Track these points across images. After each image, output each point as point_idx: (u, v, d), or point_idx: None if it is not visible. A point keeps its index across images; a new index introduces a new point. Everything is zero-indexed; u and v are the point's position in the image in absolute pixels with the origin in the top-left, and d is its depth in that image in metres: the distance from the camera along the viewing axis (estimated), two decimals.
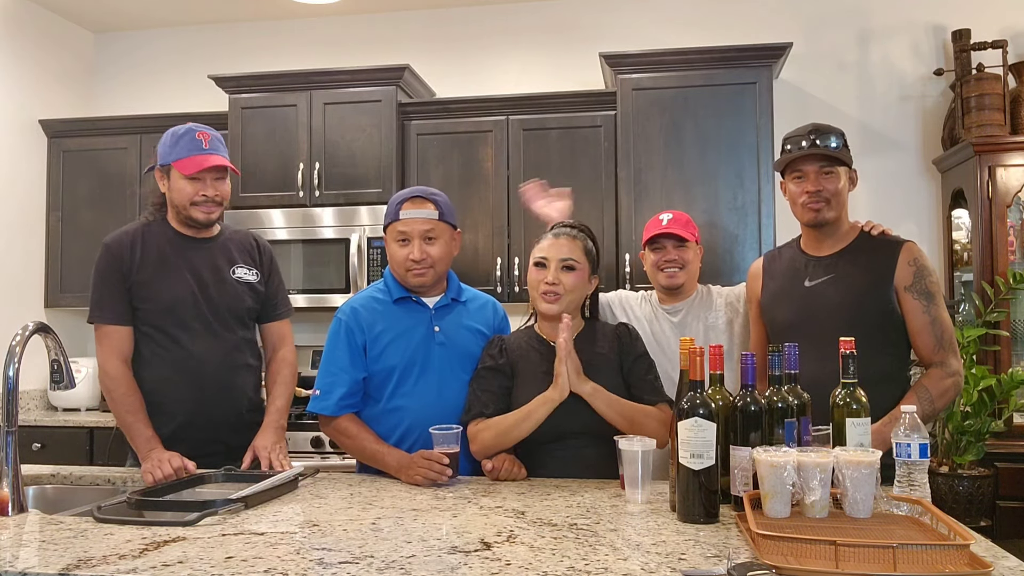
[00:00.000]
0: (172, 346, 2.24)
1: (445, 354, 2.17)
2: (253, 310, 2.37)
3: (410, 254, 2.14)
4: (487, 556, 1.35)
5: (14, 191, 4.14)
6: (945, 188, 3.82)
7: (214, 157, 2.23)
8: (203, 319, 2.26)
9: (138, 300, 2.23)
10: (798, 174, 2.20)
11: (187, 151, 2.22)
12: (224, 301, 2.29)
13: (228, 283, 2.31)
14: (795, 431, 1.67)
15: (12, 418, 1.78)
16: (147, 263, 2.23)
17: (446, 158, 3.90)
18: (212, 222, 2.30)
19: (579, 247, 2.12)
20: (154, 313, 2.23)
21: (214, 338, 2.27)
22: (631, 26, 4.17)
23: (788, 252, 2.35)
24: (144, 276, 2.22)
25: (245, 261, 2.37)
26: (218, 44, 4.57)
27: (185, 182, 2.22)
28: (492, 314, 2.30)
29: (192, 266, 2.27)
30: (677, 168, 3.66)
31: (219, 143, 2.28)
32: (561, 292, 2.07)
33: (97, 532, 1.51)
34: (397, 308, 2.20)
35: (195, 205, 2.24)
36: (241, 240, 2.41)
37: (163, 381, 2.23)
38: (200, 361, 2.24)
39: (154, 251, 2.25)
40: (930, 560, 1.23)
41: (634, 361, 2.12)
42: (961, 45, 3.72)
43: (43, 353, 1.94)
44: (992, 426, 3.13)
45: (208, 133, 2.26)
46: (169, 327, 2.24)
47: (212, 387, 2.25)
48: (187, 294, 2.24)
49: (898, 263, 2.13)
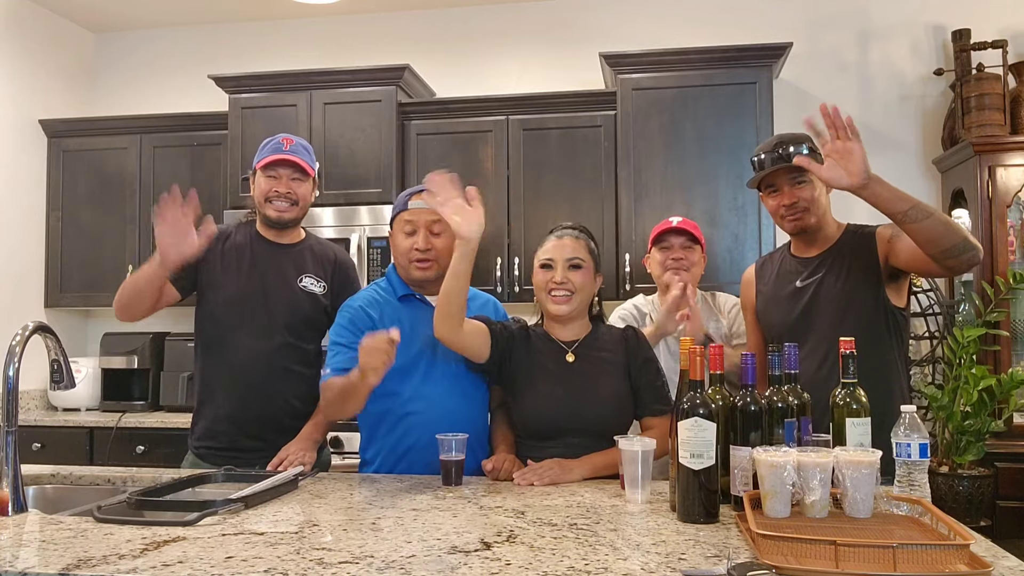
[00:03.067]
0: (225, 340, 2.34)
1: (449, 353, 2.15)
2: (312, 319, 2.40)
3: (415, 244, 2.13)
4: (487, 556, 1.35)
5: (14, 191, 4.14)
6: (945, 188, 3.82)
7: (289, 155, 2.33)
8: (258, 319, 2.33)
9: (205, 288, 2.36)
10: (772, 188, 2.23)
11: (269, 152, 2.35)
12: (281, 306, 2.35)
13: (291, 290, 2.37)
14: (795, 431, 1.67)
15: (12, 418, 1.78)
16: (225, 255, 2.37)
17: (446, 158, 3.90)
18: (285, 222, 2.38)
19: (583, 246, 2.12)
20: (215, 304, 2.35)
21: (264, 339, 2.33)
22: (631, 26, 4.17)
23: (778, 257, 2.38)
24: (216, 266, 2.35)
25: (316, 272, 2.42)
26: (218, 44, 4.57)
27: (263, 179, 2.35)
28: (493, 313, 2.30)
29: (261, 267, 2.37)
30: (677, 168, 3.66)
31: (302, 148, 2.39)
32: (572, 290, 2.08)
33: (97, 532, 1.51)
34: (401, 306, 2.19)
35: (268, 202, 2.35)
36: (320, 251, 2.48)
37: (213, 375, 2.36)
38: (245, 358, 2.32)
39: (234, 246, 2.38)
40: (930, 560, 1.23)
41: (642, 365, 2.11)
42: (961, 45, 3.72)
43: (43, 353, 1.94)
44: (992, 426, 3.12)
45: (293, 139, 2.39)
46: (225, 321, 2.34)
47: (252, 386, 2.32)
48: (247, 292, 2.34)
49: (877, 242, 2.16)
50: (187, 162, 4.17)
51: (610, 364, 2.10)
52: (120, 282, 2.35)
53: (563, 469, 1.98)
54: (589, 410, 2.04)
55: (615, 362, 2.11)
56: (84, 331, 4.55)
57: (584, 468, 2.00)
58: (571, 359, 2.10)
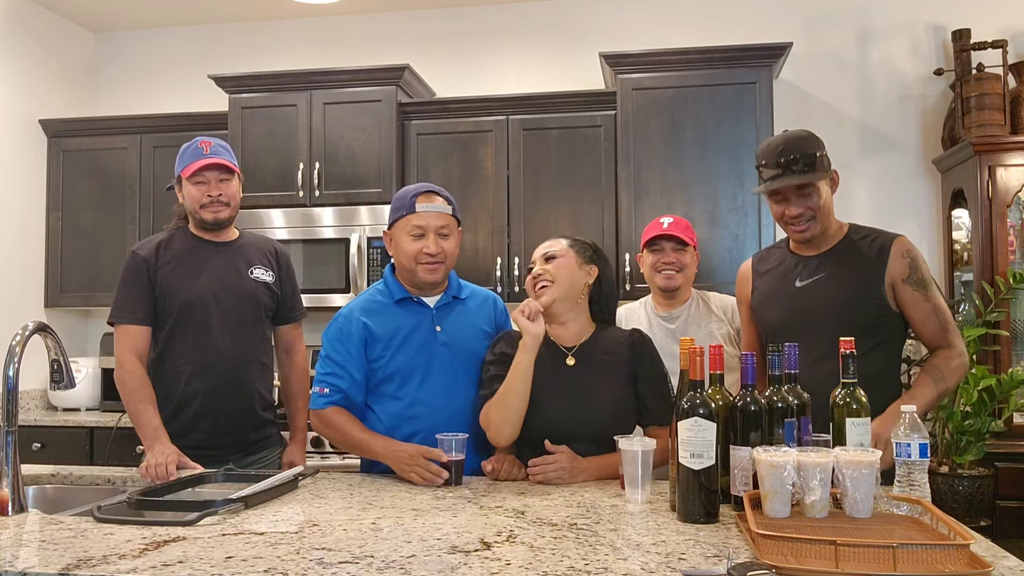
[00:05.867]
0: (191, 341, 2.37)
1: (449, 355, 2.15)
2: (269, 308, 2.49)
3: (425, 247, 2.12)
4: (487, 556, 1.35)
5: (14, 191, 4.14)
6: (945, 188, 3.82)
7: (212, 158, 2.36)
8: (222, 315, 2.38)
9: (161, 299, 2.37)
10: (778, 196, 2.18)
11: (191, 159, 2.39)
12: (242, 299, 2.42)
13: (246, 282, 2.44)
14: (795, 431, 1.67)
15: (12, 418, 1.78)
16: (170, 265, 2.38)
17: (446, 158, 3.90)
18: (221, 222, 2.43)
19: (562, 242, 2.15)
20: (176, 310, 2.36)
21: (230, 334, 2.39)
22: (631, 26, 4.17)
23: (777, 253, 2.34)
24: (166, 277, 2.37)
25: (262, 263, 2.50)
26: (218, 44, 4.57)
27: (192, 187, 2.39)
28: (493, 309, 2.29)
29: (211, 267, 2.41)
30: (677, 168, 3.66)
31: (222, 148, 2.42)
32: (549, 280, 2.07)
33: (97, 532, 1.51)
34: (398, 309, 2.19)
35: (203, 207, 2.39)
36: (259, 244, 2.55)
37: (180, 374, 2.36)
38: (216, 355, 2.37)
39: (176, 255, 2.41)
40: (930, 560, 1.23)
41: (649, 372, 2.09)
42: (961, 45, 3.71)
43: (43, 353, 1.94)
44: (992, 426, 3.13)
45: (210, 141, 2.42)
46: (189, 324, 2.37)
47: (226, 380, 2.37)
48: (206, 292, 2.38)
49: (891, 257, 2.13)
50: None
51: (612, 368, 2.08)
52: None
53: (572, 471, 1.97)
54: (587, 419, 2.02)
55: (618, 366, 2.08)
56: (84, 331, 4.55)
57: (592, 469, 2.00)
58: (571, 363, 2.08)
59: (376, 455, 2.08)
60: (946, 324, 2.11)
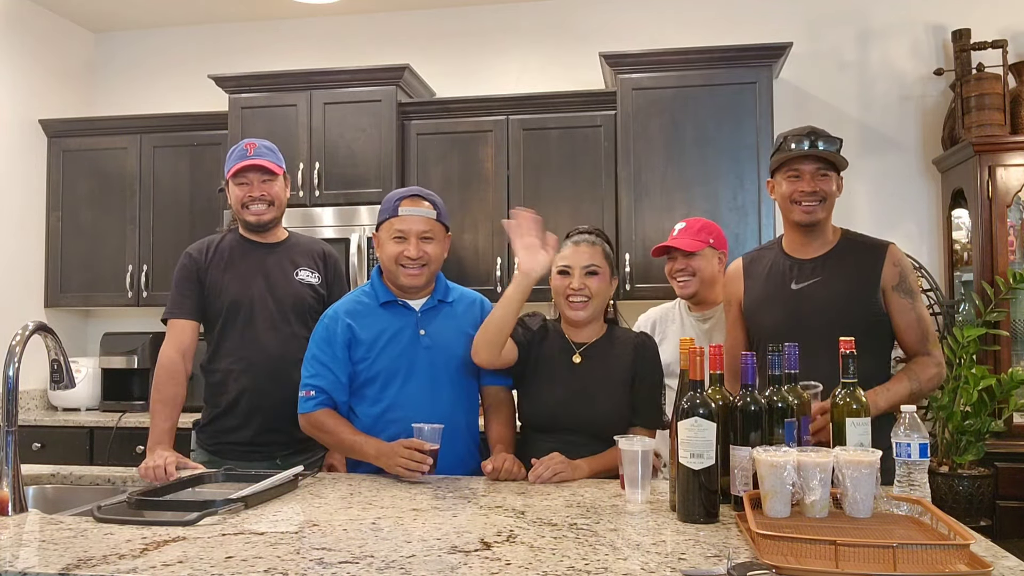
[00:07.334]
0: (238, 340, 2.42)
1: (431, 358, 2.16)
2: (314, 309, 2.48)
3: (405, 251, 2.13)
4: (487, 556, 1.35)
5: (14, 191, 4.14)
6: (945, 188, 3.82)
7: (255, 159, 2.40)
8: (267, 315, 2.43)
9: (210, 299, 2.44)
10: (794, 173, 2.18)
11: (236, 160, 2.43)
12: (286, 300, 2.45)
13: (291, 283, 2.48)
14: (795, 431, 1.67)
15: (12, 418, 1.78)
16: (218, 266, 2.45)
17: (446, 158, 3.90)
18: (264, 223, 2.47)
19: (599, 252, 2.16)
20: (224, 310, 2.42)
21: (275, 332, 2.42)
22: (631, 26, 4.17)
23: (770, 254, 2.32)
24: (215, 277, 2.44)
25: (308, 264, 2.53)
26: (218, 44, 4.57)
27: (235, 188, 2.44)
28: (480, 312, 2.28)
29: (258, 268, 2.46)
30: (677, 168, 3.66)
31: (266, 150, 2.46)
32: (588, 295, 2.12)
33: (97, 532, 1.51)
34: (383, 311, 2.19)
35: (245, 207, 2.44)
36: (307, 245, 2.59)
37: (230, 373, 2.42)
38: (261, 354, 2.41)
39: (225, 255, 2.47)
40: (930, 560, 1.23)
41: (646, 376, 2.15)
42: (961, 45, 3.71)
43: (43, 353, 1.94)
44: (992, 426, 3.12)
45: (255, 143, 2.46)
46: (236, 323, 2.42)
47: (272, 379, 2.39)
48: (252, 292, 2.43)
49: (884, 264, 2.17)
50: (187, 162, 4.17)
51: (615, 370, 2.14)
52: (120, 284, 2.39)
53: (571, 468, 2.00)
54: (587, 413, 2.10)
55: (621, 368, 2.14)
56: (84, 331, 4.55)
57: (589, 467, 2.04)
58: (578, 360, 2.15)
59: (367, 456, 2.08)
60: (928, 334, 2.17)
